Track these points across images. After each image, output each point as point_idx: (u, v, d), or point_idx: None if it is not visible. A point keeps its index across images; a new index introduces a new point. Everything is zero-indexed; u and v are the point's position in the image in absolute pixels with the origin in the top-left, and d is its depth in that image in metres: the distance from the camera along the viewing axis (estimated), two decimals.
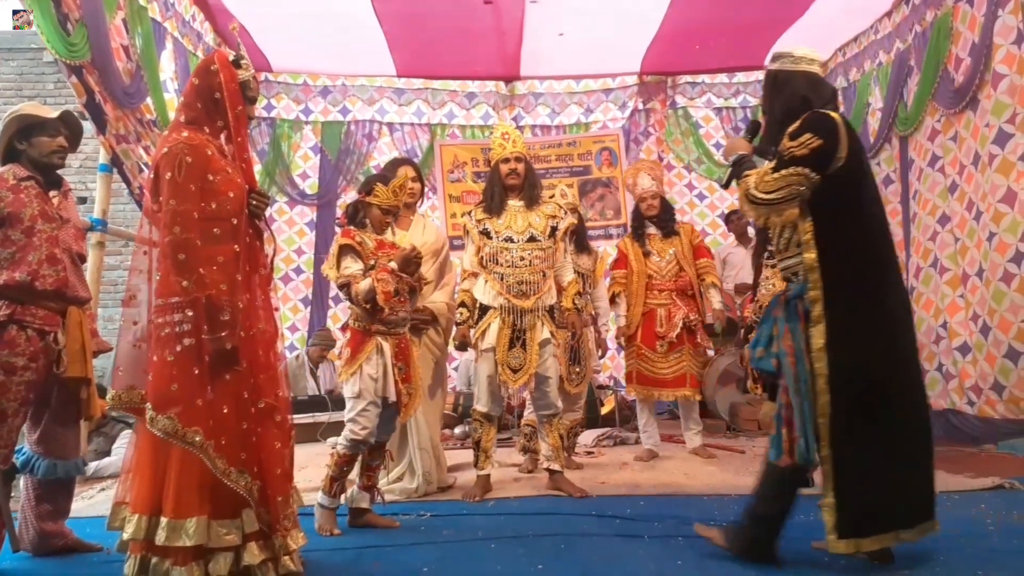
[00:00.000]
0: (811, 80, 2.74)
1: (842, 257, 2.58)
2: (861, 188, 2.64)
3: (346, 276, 3.18)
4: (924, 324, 5.23)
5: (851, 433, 2.53)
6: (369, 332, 3.21)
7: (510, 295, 3.81)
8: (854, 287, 2.58)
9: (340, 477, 3.23)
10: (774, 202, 2.60)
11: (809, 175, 2.55)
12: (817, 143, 2.55)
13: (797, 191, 2.57)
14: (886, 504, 2.52)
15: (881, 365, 2.56)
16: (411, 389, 3.29)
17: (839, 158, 2.56)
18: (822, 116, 2.62)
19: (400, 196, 3.35)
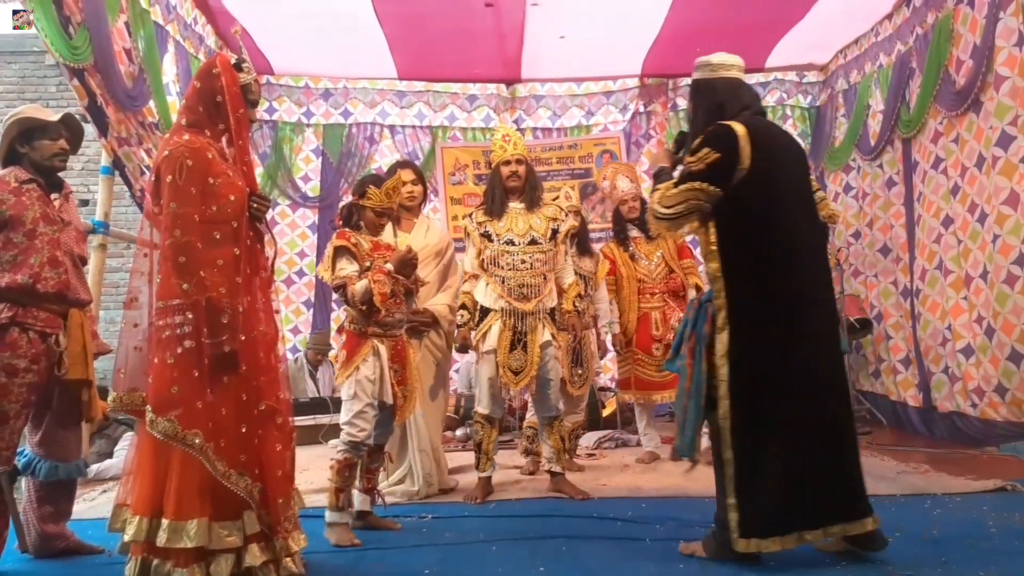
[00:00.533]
0: (730, 86, 2.76)
1: (747, 266, 2.61)
2: (769, 197, 2.62)
3: (341, 278, 3.16)
4: (930, 327, 5.23)
5: (751, 437, 2.57)
6: (365, 334, 3.19)
7: (511, 298, 3.81)
8: (759, 296, 2.61)
9: (345, 486, 3.16)
10: (673, 216, 2.65)
11: (707, 189, 2.59)
12: (714, 157, 2.58)
13: (696, 205, 2.61)
14: (786, 507, 2.56)
15: (786, 373, 2.58)
16: (407, 391, 3.27)
17: (741, 169, 2.57)
18: (721, 129, 2.62)
19: (394, 198, 3.32)
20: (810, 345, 2.63)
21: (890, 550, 2.75)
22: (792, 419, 2.58)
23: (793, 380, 2.60)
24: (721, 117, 2.68)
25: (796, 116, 7.30)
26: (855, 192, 6.54)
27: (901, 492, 3.73)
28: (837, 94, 6.78)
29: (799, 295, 2.65)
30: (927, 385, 5.42)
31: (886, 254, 6.02)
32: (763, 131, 2.67)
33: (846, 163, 6.60)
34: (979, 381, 4.69)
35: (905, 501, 3.58)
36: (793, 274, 2.65)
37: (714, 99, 2.75)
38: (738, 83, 2.78)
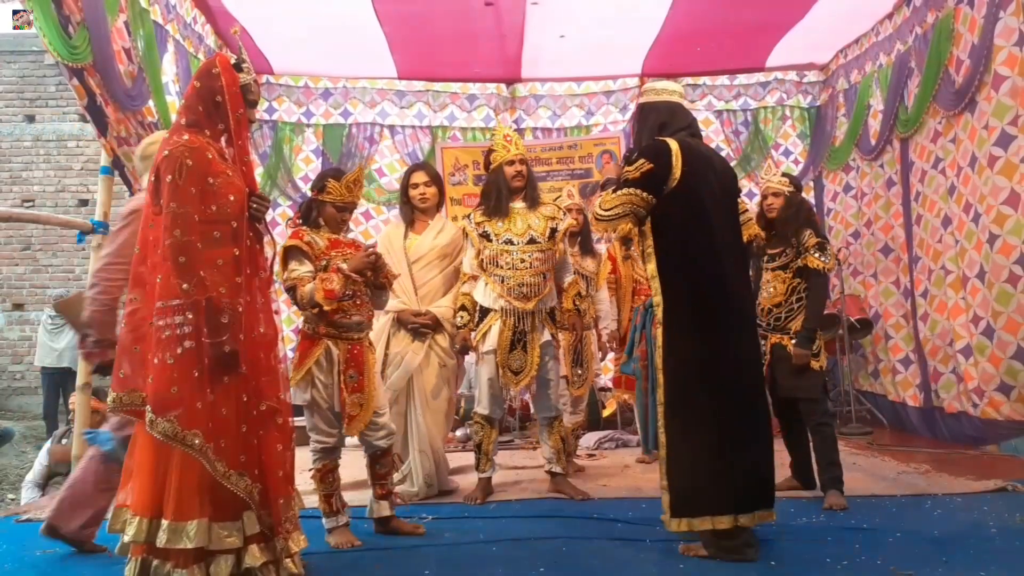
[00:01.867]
0: (670, 108, 3.07)
1: (679, 266, 2.92)
2: (695, 206, 2.92)
3: (292, 279, 3.03)
4: (938, 326, 5.23)
5: (682, 423, 2.82)
6: (318, 335, 3.04)
7: (511, 297, 3.80)
8: (690, 293, 2.89)
9: (332, 492, 3.10)
10: (611, 218, 2.96)
11: (641, 194, 2.89)
12: (648, 167, 2.89)
13: (630, 209, 2.91)
14: (715, 489, 2.75)
15: (713, 364, 2.84)
16: (362, 399, 3.05)
17: (672, 179, 2.87)
18: (657, 143, 2.95)
19: (355, 191, 3.15)
20: (734, 341, 2.90)
21: (891, 550, 2.76)
22: (718, 407, 2.81)
23: (719, 372, 2.85)
24: (661, 135, 2.99)
25: (796, 116, 7.30)
26: (855, 192, 6.54)
27: (901, 492, 3.73)
28: (838, 94, 6.78)
29: (723, 295, 2.92)
30: (928, 385, 5.42)
31: (886, 254, 6.02)
32: (694, 149, 2.97)
33: (846, 163, 6.60)
34: (978, 380, 4.69)
35: (906, 501, 3.58)
36: (717, 276, 2.93)
37: (656, 119, 3.05)
38: (678, 106, 3.09)
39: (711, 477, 2.76)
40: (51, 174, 10.63)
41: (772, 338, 3.73)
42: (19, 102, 10.75)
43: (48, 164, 10.64)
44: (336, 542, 3.04)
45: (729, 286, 2.93)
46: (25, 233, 10.53)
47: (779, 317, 3.72)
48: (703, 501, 2.75)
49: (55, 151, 10.66)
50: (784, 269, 3.73)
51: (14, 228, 10.42)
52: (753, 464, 2.83)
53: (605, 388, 6.21)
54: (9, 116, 10.69)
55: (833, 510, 3.40)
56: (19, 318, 10.51)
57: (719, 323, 2.87)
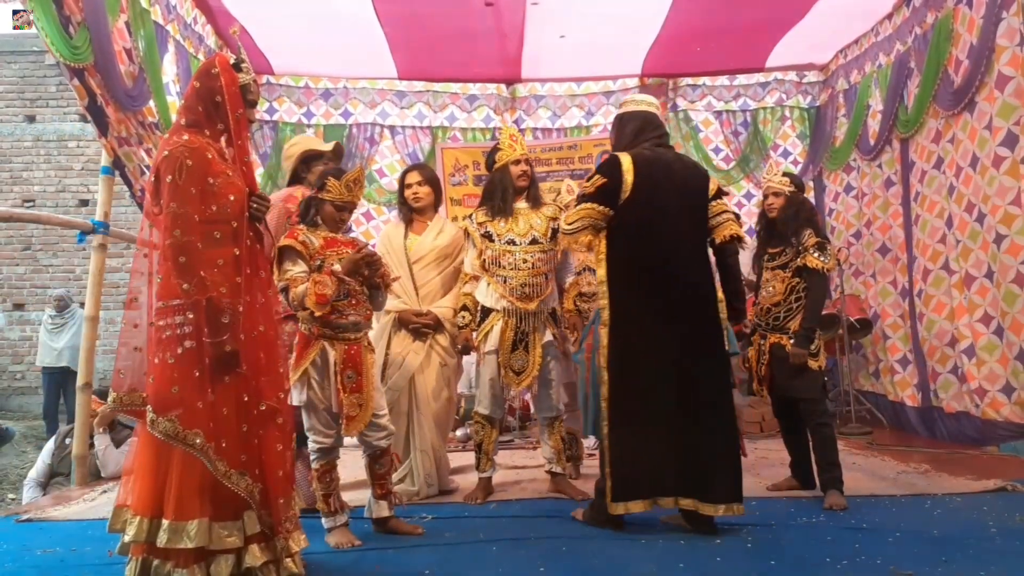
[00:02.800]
0: (645, 119, 3.27)
1: (626, 271, 3.12)
2: (647, 214, 3.11)
3: (285, 279, 3.00)
4: (936, 326, 5.23)
5: (623, 416, 3.08)
6: (313, 335, 3.03)
7: (513, 298, 3.81)
8: (636, 297, 3.10)
9: (331, 491, 3.09)
10: (571, 231, 3.19)
11: (597, 208, 3.11)
12: (601, 182, 3.11)
13: (589, 222, 3.13)
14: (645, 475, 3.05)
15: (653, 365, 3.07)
16: (361, 400, 3.02)
17: (624, 191, 3.08)
18: (611, 158, 3.16)
19: (355, 191, 3.13)
20: (679, 343, 3.09)
21: (891, 550, 2.76)
22: (654, 403, 3.06)
23: (660, 371, 3.07)
24: (632, 144, 3.21)
25: (796, 116, 7.30)
26: (855, 192, 6.54)
27: (901, 492, 3.73)
28: (838, 94, 6.78)
29: (672, 300, 3.10)
30: (926, 385, 5.42)
31: (884, 254, 6.02)
32: (650, 160, 3.15)
33: (846, 163, 6.60)
34: (981, 381, 4.69)
35: (906, 501, 3.58)
36: (667, 282, 3.11)
37: (632, 128, 3.26)
38: (652, 116, 3.30)
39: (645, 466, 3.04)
40: (52, 174, 10.64)
41: (771, 338, 3.73)
42: (20, 102, 10.76)
43: (49, 164, 10.65)
44: (336, 542, 3.04)
45: (675, 291, 3.11)
46: (25, 233, 10.54)
47: (778, 317, 3.72)
48: (638, 487, 3.05)
49: (56, 151, 10.67)
50: (783, 268, 3.73)
51: (14, 228, 10.43)
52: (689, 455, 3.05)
53: None
54: (10, 116, 10.69)
55: (833, 510, 3.40)
56: (19, 318, 10.52)
57: (659, 327, 3.08)
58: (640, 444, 3.05)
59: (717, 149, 7.39)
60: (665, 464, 3.05)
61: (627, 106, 3.37)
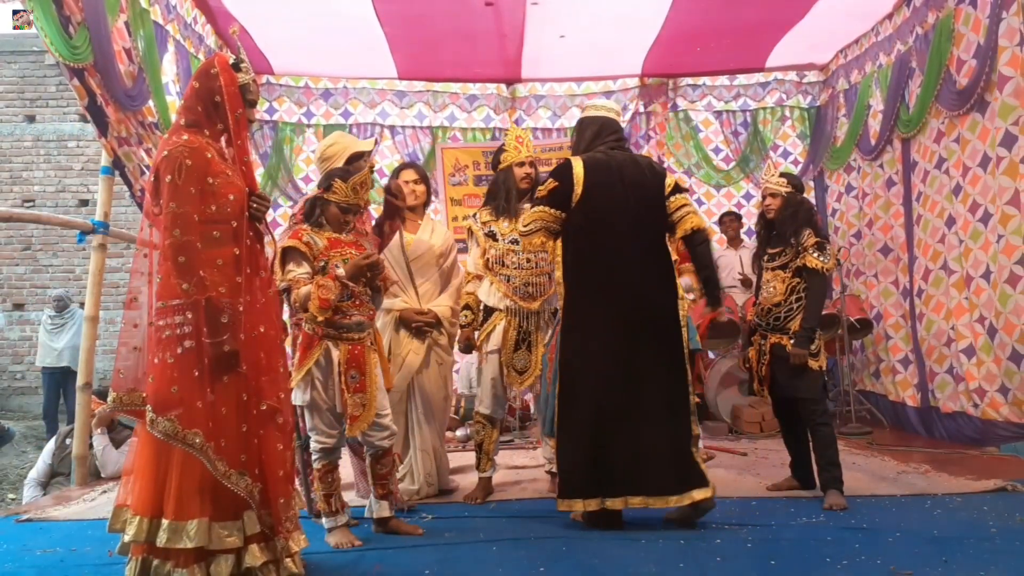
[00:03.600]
0: (604, 124, 3.40)
1: (578, 273, 3.23)
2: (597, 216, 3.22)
3: (287, 280, 3.01)
4: (934, 326, 5.23)
5: (571, 415, 3.16)
6: (317, 335, 3.02)
7: (517, 297, 3.82)
8: (588, 297, 3.20)
9: (332, 492, 3.10)
10: (525, 233, 3.32)
11: (550, 211, 3.24)
12: (553, 185, 3.24)
13: (542, 224, 3.26)
14: (589, 475, 3.10)
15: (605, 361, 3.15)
16: (364, 399, 3.03)
17: (575, 194, 3.20)
18: (563, 163, 3.30)
19: (361, 194, 3.14)
20: (629, 343, 3.17)
21: (891, 550, 2.76)
22: (600, 403, 3.13)
23: (609, 372, 3.15)
24: (589, 148, 3.34)
25: (796, 117, 7.30)
26: (856, 192, 6.54)
27: (901, 492, 3.73)
28: (838, 94, 6.78)
29: (623, 299, 3.19)
30: (926, 385, 5.42)
31: (886, 254, 6.02)
32: (602, 163, 3.27)
33: (847, 163, 6.60)
34: (980, 381, 4.69)
35: (906, 501, 3.58)
36: (619, 281, 3.20)
37: (591, 133, 3.39)
38: (610, 121, 3.42)
39: (589, 466, 3.11)
40: (51, 174, 10.64)
41: (771, 338, 3.73)
42: (19, 102, 10.76)
43: (48, 164, 10.65)
44: (336, 542, 3.04)
45: (627, 290, 3.21)
46: (25, 233, 10.54)
47: (778, 317, 3.72)
48: (581, 486, 3.11)
49: (55, 151, 10.67)
50: (783, 269, 3.73)
51: (14, 228, 10.43)
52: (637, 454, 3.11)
53: None
54: (9, 116, 10.69)
55: (833, 510, 3.40)
56: (19, 318, 10.52)
57: (610, 326, 3.17)
58: (586, 444, 3.13)
59: (717, 149, 7.39)
60: (612, 465, 3.11)
61: (587, 111, 3.53)
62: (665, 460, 3.12)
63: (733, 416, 5.88)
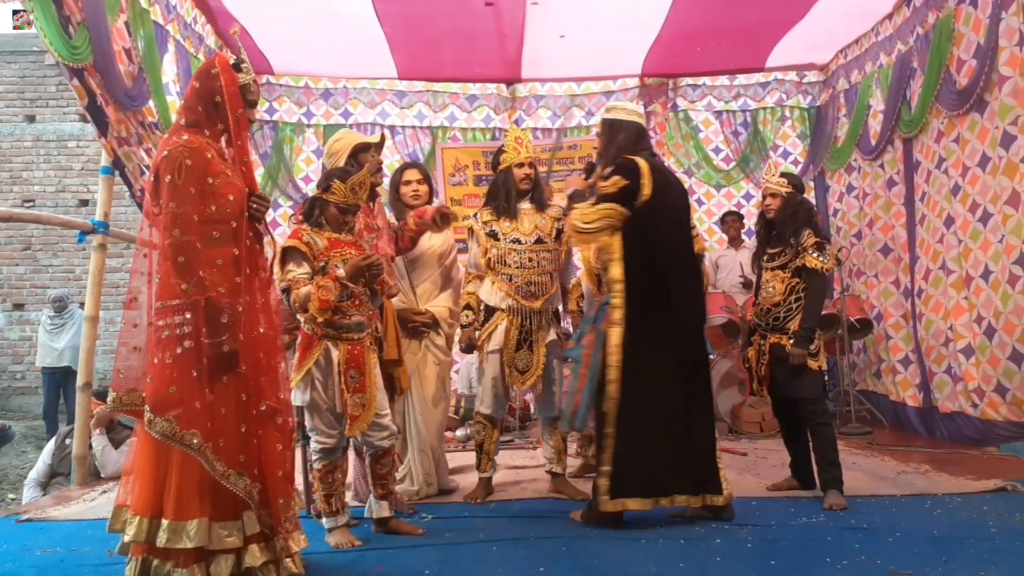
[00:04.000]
0: (636, 129, 3.40)
1: (641, 273, 3.19)
2: (661, 219, 3.24)
3: (287, 280, 3.00)
4: (933, 326, 5.23)
5: (633, 415, 3.12)
6: (317, 335, 3.03)
7: (519, 296, 3.81)
8: (649, 297, 3.19)
9: (333, 492, 3.10)
10: (592, 231, 3.21)
11: (618, 209, 3.17)
12: (623, 183, 3.18)
13: (609, 223, 3.18)
14: (651, 476, 3.13)
15: (666, 362, 3.17)
16: (364, 400, 3.03)
17: (642, 195, 3.18)
18: (629, 161, 3.24)
19: (359, 194, 3.12)
20: (684, 343, 3.25)
21: (891, 550, 2.76)
22: (665, 403, 3.16)
23: (669, 371, 3.19)
24: (634, 151, 3.29)
25: (796, 117, 7.30)
26: (856, 192, 6.54)
27: (901, 492, 3.73)
28: (839, 94, 6.77)
29: (678, 301, 3.25)
30: (927, 385, 5.42)
31: (886, 254, 6.02)
32: (659, 169, 3.31)
33: (848, 163, 6.60)
34: (979, 381, 4.69)
35: (906, 501, 3.58)
36: (674, 284, 3.25)
37: (625, 139, 3.36)
38: (643, 129, 3.44)
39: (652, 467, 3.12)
40: (51, 174, 10.64)
41: (771, 338, 3.73)
42: (19, 102, 10.76)
43: (48, 164, 10.65)
44: (336, 542, 3.04)
45: (683, 293, 3.28)
46: (25, 233, 10.54)
47: (778, 317, 3.72)
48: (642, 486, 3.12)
49: (55, 151, 10.67)
50: (783, 269, 3.73)
51: (14, 228, 10.43)
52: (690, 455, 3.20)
53: None
54: (9, 116, 10.69)
55: (833, 510, 3.40)
56: (19, 318, 10.52)
57: (672, 328, 3.21)
58: (648, 443, 3.13)
59: (717, 149, 7.39)
60: (669, 464, 3.16)
61: (616, 113, 3.48)
62: (706, 459, 3.26)
63: (733, 416, 5.88)
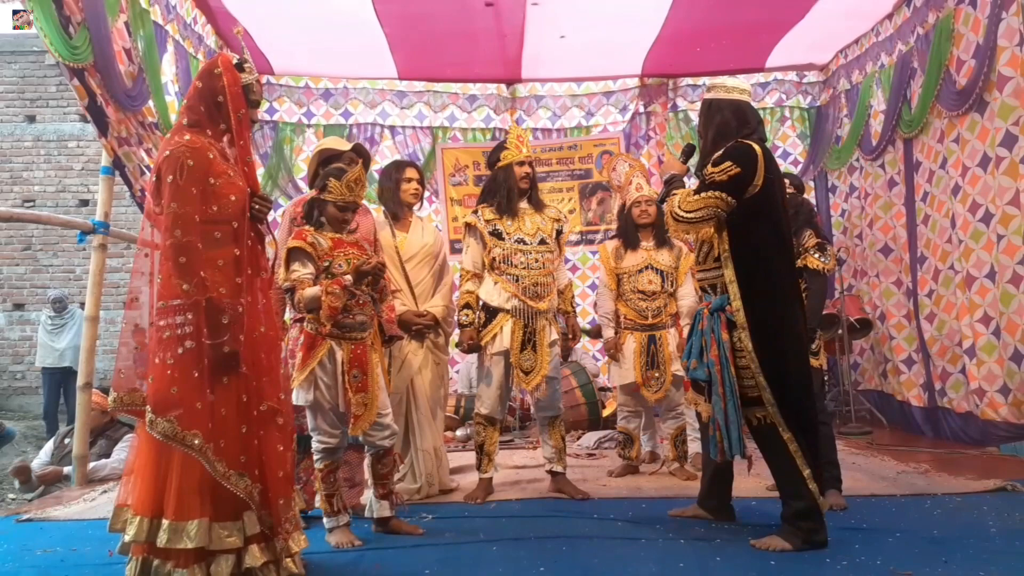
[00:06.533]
0: (740, 108, 3.02)
1: (756, 270, 2.90)
2: (773, 211, 2.93)
3: (292, 280, 3.01)
4: (946, 326, 5.21)
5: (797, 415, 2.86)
6: (321, 335, 3.02)
7: (525, 296, 3.81)
8: (767, 295, 2.90)
9: (334, 492, 3.10)
10: (693, 220, 2.91)
11: (726, 198, 2.86)
12: (735, 171, 2.85)
13: (714, 212, 2.88)
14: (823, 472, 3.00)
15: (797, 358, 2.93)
16: (367, 399, 3.04)
17: (755, 185, 2.86)
18: (743, 146, 2.90)
19: (356, 191, 3.09)
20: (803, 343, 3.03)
21: (891, 550, 2.76)
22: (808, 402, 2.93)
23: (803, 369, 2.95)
24: (729, 135, 2.96)
25: (796, 117, 7.30)
26: (858, 192, 6.54)
27: (901, 492, 3.73)
28: (839, 94, 6.77)
29: (795, 298, 3.00)
30: (931, 385, 5.41)
31: (887, 254, 6.02)
32: (770, 154, 2.95)
33: (849, 163, 6.60)
34: (980, 381, 4.69)
35: (906, 501, 3.58)
36: (790, 279, 2.99)
37: (725, 118, 3.00)
38: (747, 106, 3.04)
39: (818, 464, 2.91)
40: (52, 174, 10.64)
41: None
42: (20, 102, 10.75)
43: (49, 164, 10.65)
44: (336, 542, 3.04)
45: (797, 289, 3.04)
46: (26, 233, 10.54)
47: None
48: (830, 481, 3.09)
49: (56, 151, 10.67)
50: None
51: (15, 228, 10.43)
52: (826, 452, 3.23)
53: (604, 388, 6.22)
54: (10, 116, 10.69)
55: (832, 510, 3.39)
56: (19, 318, 10.52)
57: (795, 327, 2.94)
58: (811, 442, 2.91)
59: None
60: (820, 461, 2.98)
61: (716, 91, 3.08)
62: None
63: None
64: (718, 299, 2.95)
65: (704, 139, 3.10)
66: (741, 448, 2.88)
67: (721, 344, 2.88)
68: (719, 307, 2.92)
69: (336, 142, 3.79)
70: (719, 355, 2.87)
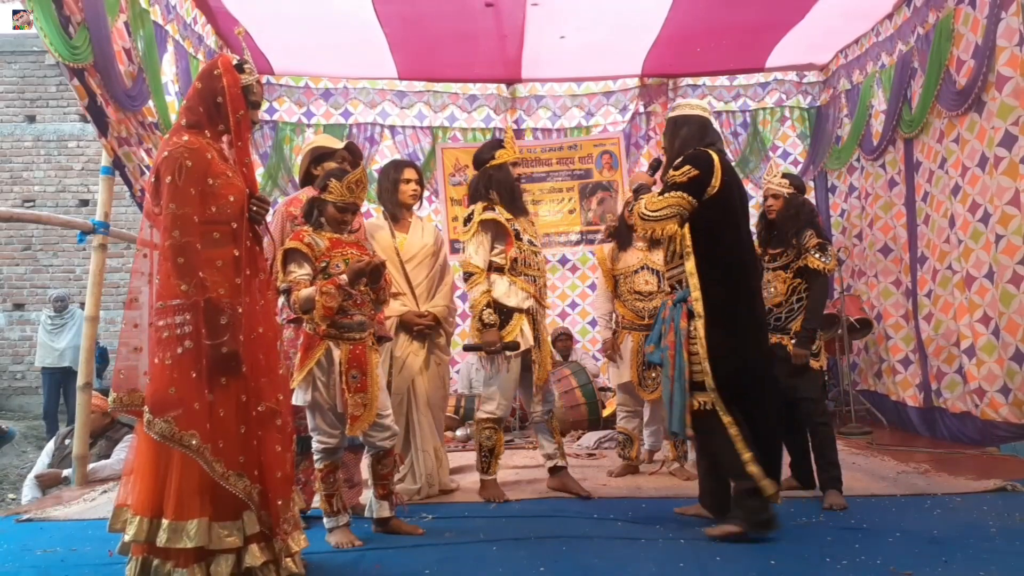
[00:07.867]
0: (702, 123, 3.35)
1: (715, 264, 3.14)
2: (731, 211, 3.21)
3: (288, 281, 3.00)
4: (943, 326, 5.22)
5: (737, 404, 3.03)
6: (319, 335, 3.01)
7: (540, 297, 3.85)
8: (725, 287, 3.12)
9: (334, 492, 3.10)
10: (658, 218, 3.15)
11: (687, 198, 3.12)
12: (694, 173, 3.12)
13: (676, 211, 3.13)
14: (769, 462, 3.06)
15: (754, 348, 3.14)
16: (365, 400, 3.02)
17: (713, 187, 3.13)
18: (701, 152, 3.20)
19: (357, 192, 3.09)
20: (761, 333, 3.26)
21: (891, 550, 2.76)
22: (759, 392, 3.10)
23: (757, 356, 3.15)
24: (691, 146, 3.25)
25: (796, 117, 7.30)
26: (858, 192, 6.54)
27: (901, 492, 3.73)
28: (840, 94, 6.77)
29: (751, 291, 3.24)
30: (928, 385, 5.41)
31: (887, 254, 6.02)
32: (727, 162, 3.25)
33: (850, 163, 6.60)
34: (980, 381, 4.69)
35: (905, 501, 3.58)
36: (746, 277, 3.22)
37: (689, 132, 3.32)
38: (707, 122, 3.37)
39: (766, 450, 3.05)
40: (52, 174, 10.64)
41: (772, 338, 3.73)
42: (20, 102, 10.76)
43: (49, 164, 10.65)
44: (336, 542, 3.04)
45: (754, 286, 3.28)
46: (26, 233, 10.54)
47: (779, 317, 3.73)
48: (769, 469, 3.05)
49: (56, 151, 10.67)
50: (785, 269, 3.74)
51: (15, 228, 10.43)
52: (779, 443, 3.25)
53: (605, 388, 6.22)
54: (10, 116, 10.69)
55: (833, 510, 3.40)
56: (19, 318, 10.52)
57: (751, 318, 3.18)
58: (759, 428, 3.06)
59: None
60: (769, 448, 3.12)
61: (681, 109, 3.43)
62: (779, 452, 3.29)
63: None
64: (682, 292, 3.18)
65: (669, 152, 3.38)
66: (682, 428, 3.10)
67: (678, 331, 3.13)
68: (682, 299, 3.16)
69: (328, 140, 3.80)
70: (675, 340, 3.13)
